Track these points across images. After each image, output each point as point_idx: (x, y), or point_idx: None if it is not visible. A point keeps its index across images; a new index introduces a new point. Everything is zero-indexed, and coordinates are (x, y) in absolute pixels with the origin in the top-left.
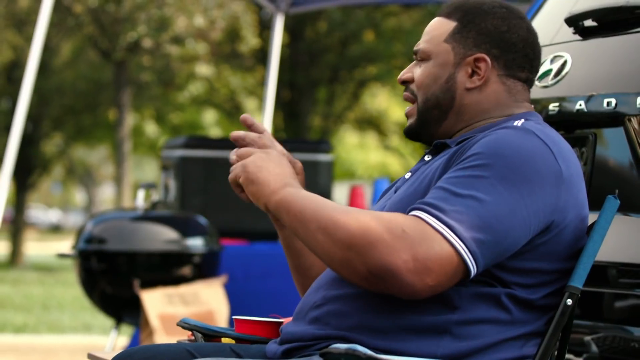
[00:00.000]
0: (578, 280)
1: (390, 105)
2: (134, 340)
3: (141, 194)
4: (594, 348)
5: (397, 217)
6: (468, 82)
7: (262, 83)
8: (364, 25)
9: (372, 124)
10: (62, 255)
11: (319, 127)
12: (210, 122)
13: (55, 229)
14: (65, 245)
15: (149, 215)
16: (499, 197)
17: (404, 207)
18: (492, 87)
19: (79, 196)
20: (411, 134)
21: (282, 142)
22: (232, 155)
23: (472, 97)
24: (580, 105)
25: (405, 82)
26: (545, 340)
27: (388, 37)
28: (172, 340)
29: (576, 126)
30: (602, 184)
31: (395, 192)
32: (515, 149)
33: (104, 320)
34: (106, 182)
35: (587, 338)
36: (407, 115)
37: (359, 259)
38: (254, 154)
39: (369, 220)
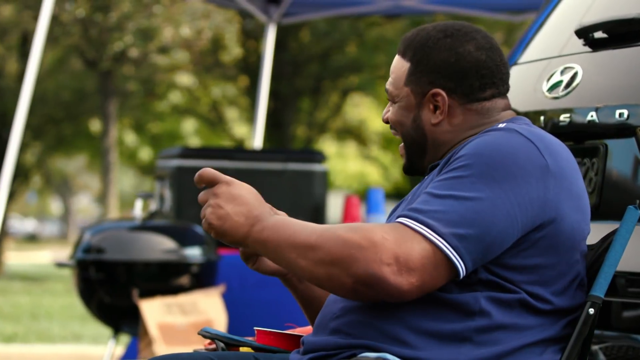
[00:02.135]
0: (600, 290)
1: (370, 115)
2: (130, 350)
3: (139, 204)
4: (602, 357)
5: (377, 226)
6: (433, 118)
7: (244, 93)
8: (348, 35)
9: (352, 133)
10: (60, 265)
11: (302, 137)
12: (190, 131)
13: (32, 239)
14: (44, 254)
15: (147, 225)
16: (478, 193)
17: None
18: (459, 117)
19: (54, 205)
20: (408, 172)
21: (277, 152)
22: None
23: (443, 129)
24: (592, 116)
25: (388, 121)
26: (567, 350)
27: (371, 47)
28: (172, 350)
29: (587, 137)
30: (613, 194)
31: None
32: (495, 147)
33: (94, 330)
34: (83, 192)
35: (595, 347)
36: (401, 155)
37: (343, 273)
38: (209, 203)
39: (345, 233)
